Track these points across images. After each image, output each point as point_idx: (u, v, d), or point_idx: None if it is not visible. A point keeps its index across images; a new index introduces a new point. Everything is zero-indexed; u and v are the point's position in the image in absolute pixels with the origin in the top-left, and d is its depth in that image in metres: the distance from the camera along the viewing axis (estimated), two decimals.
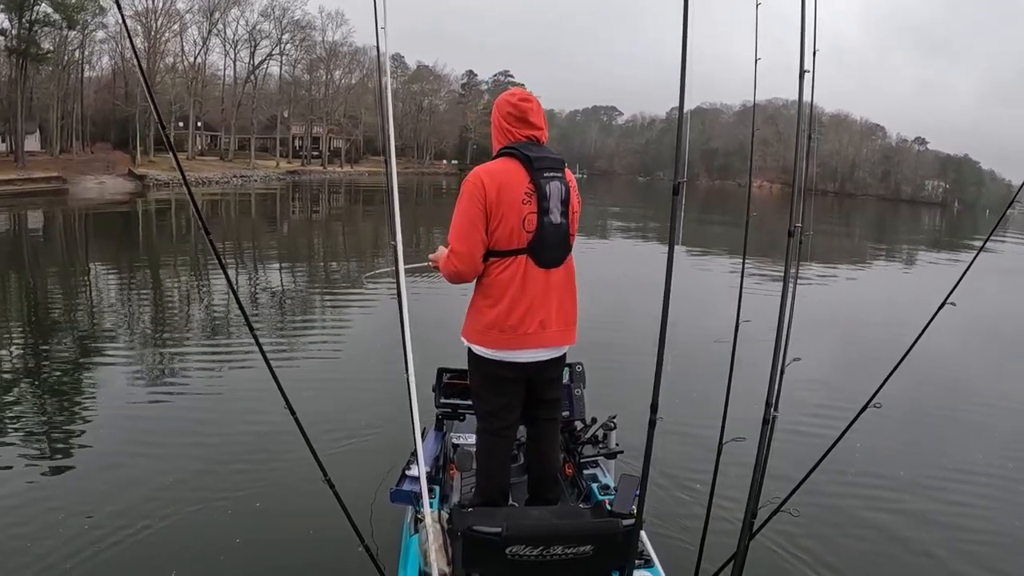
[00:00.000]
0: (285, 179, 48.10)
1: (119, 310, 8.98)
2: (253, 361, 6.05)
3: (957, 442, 5.45)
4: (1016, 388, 7.14)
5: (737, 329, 2.59)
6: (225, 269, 2.26)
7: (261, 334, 2.31)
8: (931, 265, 20.36)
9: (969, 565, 3.59)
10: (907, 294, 13.32)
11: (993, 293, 12.83)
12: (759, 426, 2.16)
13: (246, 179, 42.17)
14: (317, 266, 14.33)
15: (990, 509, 4.26)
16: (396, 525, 2.96)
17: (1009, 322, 11.08)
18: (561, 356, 2.62)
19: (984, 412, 6.18)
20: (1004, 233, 44.32)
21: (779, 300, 2.10)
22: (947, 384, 6.93)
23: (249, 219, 24.82)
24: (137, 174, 36.78)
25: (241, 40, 53.96)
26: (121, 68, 45.41)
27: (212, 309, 9.24)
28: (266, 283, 11.36)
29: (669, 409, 1.79)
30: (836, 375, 6.83)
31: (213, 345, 7.14)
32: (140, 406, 5.26)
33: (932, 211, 74.28)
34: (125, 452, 4.34)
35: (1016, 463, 4.97)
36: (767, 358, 2.08)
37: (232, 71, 55.42)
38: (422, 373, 2.33)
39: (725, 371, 2.87)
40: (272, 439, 4.39)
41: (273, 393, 2.31)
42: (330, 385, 5.72)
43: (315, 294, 10.79)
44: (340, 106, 62.41)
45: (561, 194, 2.43)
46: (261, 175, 46.58)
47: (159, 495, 3.79)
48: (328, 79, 62.31)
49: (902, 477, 4.61)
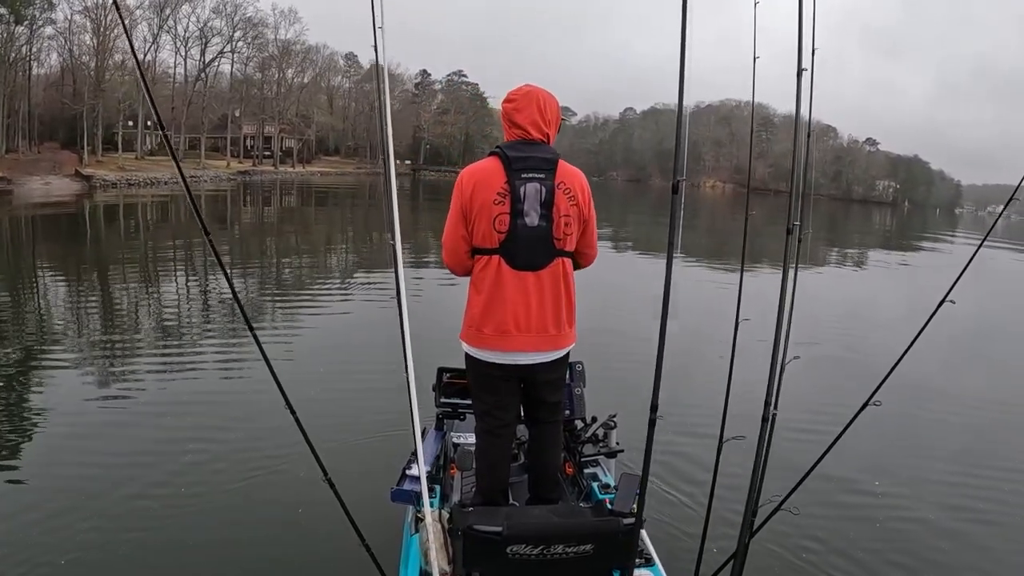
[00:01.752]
0: (236, 179, 46.92)
1: (115, 313, 8.99)
2: (252, 361, 6.06)
3: (957, 440, 5.45)
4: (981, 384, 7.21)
5: (737, 328, 2.59)
6: (225, 268, 2.26)
7: (259, 333, 2.31)
8: (880, 263, 20.88)
9: (970, 562, 3.60)
10: (855, 291, 13.47)
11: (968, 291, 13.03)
12: (759, 424, 2.17)
13: (196, 179, 40.85)
14: (309, 265, 14.34)
15: (991, 505, 4.26)
16: (397, 524, 2.97)
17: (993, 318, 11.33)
18: (555, 360, 2.54)
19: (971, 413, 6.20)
20: (954, 232, 45.27)
21: (764, 298, 2.10)
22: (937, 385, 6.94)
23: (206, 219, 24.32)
24: (84, 174, 35.94)
25: (192, 37, 53.09)
26: (70, 65, 44.13)
27: (191, 310, 9.24)
28: (258, 283, 11.36)
29: (669, 408, 1.79)
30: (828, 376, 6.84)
31: (206, 345, 7.13)
32: (140, 405, 5.26)
33: (883, 210, 75.72)
34: (126, 452, 4.35)
35: (1017, 462, 4.98)
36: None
37: (183, 69, 54.32)
38: (422, 372, 2.34)
39: (724, 370, 2.87)
40: (273, 438, 4.39)
41: (273, 393, 2.32)
42: (330, 385, 5.72)
43: (312, 294, 10.79)
44: (292, 105, 61.77)
45: (540, 196, 2.36)
46: (211, 175, 45.40)
47: (159, 495, 3.79)
48: (280, 78, 61.54)
49: (903, 475, 4.62)
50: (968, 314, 9.62)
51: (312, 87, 64.65)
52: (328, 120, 70.76)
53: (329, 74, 72.72)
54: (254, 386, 5.39)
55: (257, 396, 5.07)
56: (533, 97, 2.46)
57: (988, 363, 8.51)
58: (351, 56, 74.22)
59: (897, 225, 51.66)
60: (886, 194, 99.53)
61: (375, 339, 7.07)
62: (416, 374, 2.20)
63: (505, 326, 2.41)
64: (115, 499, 3.75)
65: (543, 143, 2.47)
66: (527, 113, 2.44)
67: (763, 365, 2.11)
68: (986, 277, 14.41)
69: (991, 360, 8.68)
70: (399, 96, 79.38)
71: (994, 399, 6.59)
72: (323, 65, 70.29)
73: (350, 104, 75.30)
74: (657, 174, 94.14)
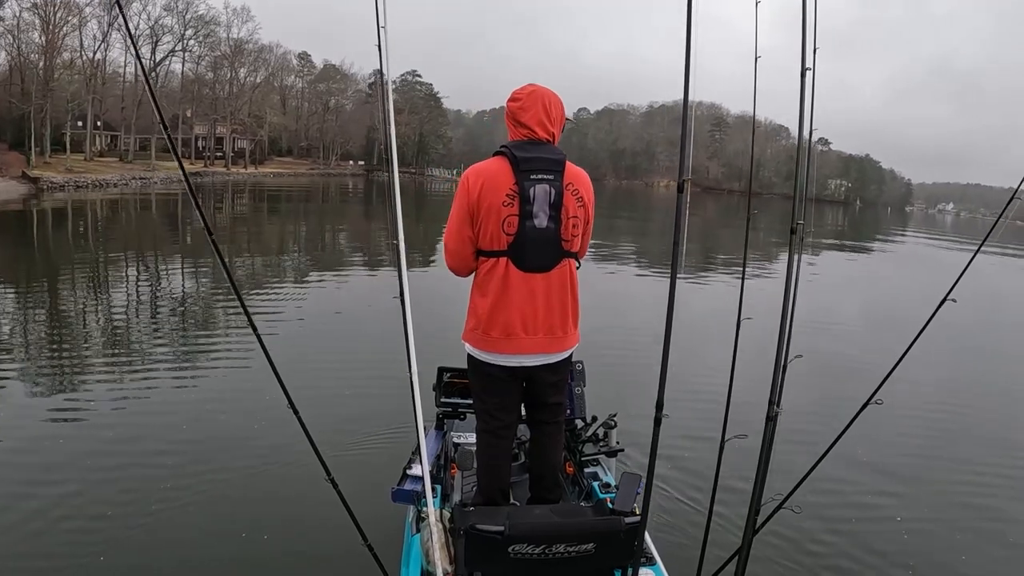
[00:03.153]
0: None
1: (106, 314, 8.96)
2: (251, 361, 6.05)
3: (957, 439, 5.48)
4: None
5: (739, 327, 2.59)
6: (227, 269, 2.25)
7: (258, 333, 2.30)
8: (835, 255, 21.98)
9: (972, 562, 3.60)
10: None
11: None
12: (762, 423, 2.16)
13: (146, 181, 39.04)
14: (298, 264, 14.32)
15: (993, 503, 4.28)
16: (398, 524, 2.96)
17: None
18: (558, 362, 2.54)
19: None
20: (904, 228, 45.88)
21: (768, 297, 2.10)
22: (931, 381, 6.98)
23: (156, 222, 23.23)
24: (31, 176, 34.67)
25: (143, 35, 51.30)
26: (18, 63, 42.43)
27: (189, 309, 9.22)
28: (249, 282, 11.33)
29: (669, 407, 1.79)
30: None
31: (205, 345, 7.12)
32: (140, 406, 5.24)
33: (835, 209, 76.63)
34: (126, 452, 4.34)
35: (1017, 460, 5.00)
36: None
37: (133, 68, 51.72)
38: (423, 372, 2.33)
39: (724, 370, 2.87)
40: (274, 438, 4.40)
41: (275, 393, 2.31)
42: (331, 384, 5.71)
43: (310, 294, 10.77)
44: (245, 105, 60.44)
45: (549, 197, 2.34)
46: (162, 177, 43.06)
47: (159, 494, 3.79)
48: (232, 77, 60.08)
49: (904, 474, 4.64)
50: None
51: (265, 87, 63.41)
52: (281, 120, 69.47)
53: (282, 74, 71.62)
54: (255, 386, 5.38)
55: (258, 396, 5.07)
56: (538, 96, 2.43)
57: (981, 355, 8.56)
58: (304, 56, 73.47)
59: (849, 223, 52.42)
60: (838, 193, 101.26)
61: (374, 339, 7.09)
62: (418, 373, 2.20)
63: (512, 328, 2.40)
64: (116, 498, 3.74)
65: (549, 143, 2.43)
66: (533, 112, 2.41)
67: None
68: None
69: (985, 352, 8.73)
70: (352, 96, 78.49)
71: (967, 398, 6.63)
72: (276, 64, 69.32)
73: (303, 104, 74.26)
74: (611, 173, 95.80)
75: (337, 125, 74.41)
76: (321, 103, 74.07)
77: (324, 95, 74.31)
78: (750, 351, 2.66)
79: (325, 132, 73.74)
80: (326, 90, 74.54)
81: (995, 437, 5.55)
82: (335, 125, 74.28)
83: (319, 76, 74.66)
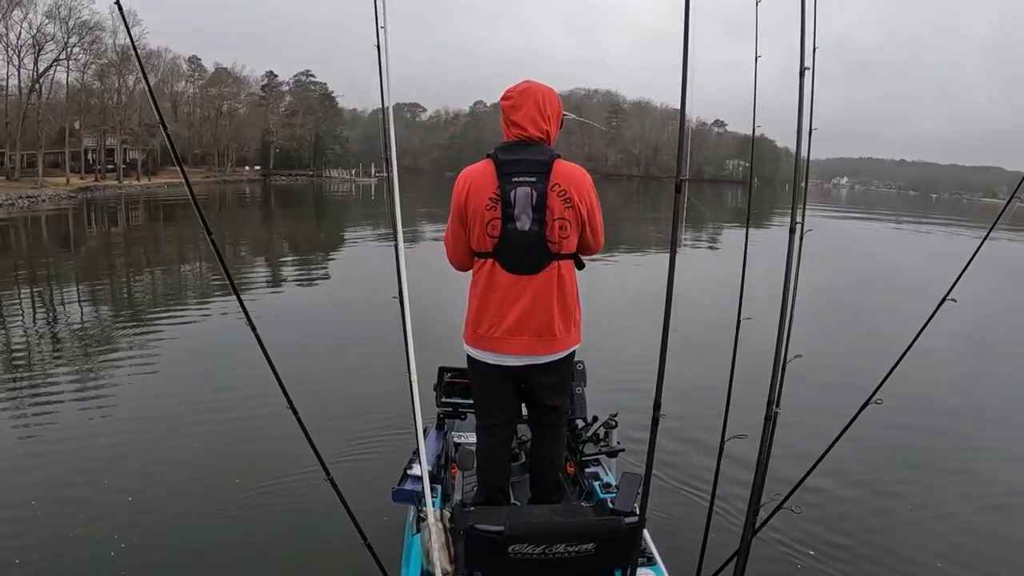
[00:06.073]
0: (76, 196, 40.07)
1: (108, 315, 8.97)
2: (252, 361, 6.04)
3: (958, 438, 5.47)
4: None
5: (739, 327, 2.59)
6: (228, 272, 2.26)
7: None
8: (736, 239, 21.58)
9: (972, 562, 3.60)
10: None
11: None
12: (760, 423, 2.17)
13: (33, 200, 34.91)
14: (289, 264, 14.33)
15: (994, 502, 4.27)
16: (398, 524, 2.97)
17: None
18: (553, 363, 2.49)
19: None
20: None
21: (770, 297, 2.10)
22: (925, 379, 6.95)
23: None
24: None
25: (25, 45, 46.30)
26: None
27: (186, 307, 9.23)
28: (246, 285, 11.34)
29: (670, 406, 1.79)
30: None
31: (205, 344, 7.13)
32: (141, 405, 5.25)
33: (734, 188, 76.68)
34: (127, 452, 4.34)
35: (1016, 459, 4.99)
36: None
37: (16, 80, 47.32)
38: (424, 372, 2.34)
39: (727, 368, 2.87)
40: (273, 438, 4.40)
41: (274, 393, 2.31)
42: (331, 384, 5.71)
43: (306, 292, 10.78)
44: (135, 114, 56.55)
45: (531, 200, 2.30)
46: (50, 194, 38.95)
47: (159, 493, 3.80)
48: (121, 85, 55.86)
49: (904, 473, 4.63)
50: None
51: (155, 93, 60.55)
52: (173, 128, 64.97)
53: (172, 79, 68.48)
54: (255, 386, 5.37)
55: (258, 396, 5.06)
56: (531, 93, 2.39)
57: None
58: (195, 60, 70.64)
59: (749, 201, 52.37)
60: (736, 173, 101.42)
61: (373, 340, 7.08)
62: (418, 373, 2.20)
63: (498, 328, 2.40)
64: (116, 497, 3.75)
65: (540, 142, 2.39)
66: (525, 111, 2.37)
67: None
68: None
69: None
70: (245, 100, 75.95)
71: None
72: (166, 70, 66.18)
73: (195, 110, 71.17)
74: None
75: (231, 130, 71.10)
76: (214, 108, 70.37)
77: (216, 99, 70.90)
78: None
79: (219, 138, 70.23)
80: (218, 94, 71.13)
81: (996, 437, 5.53)
82: (229, 130, 70.90)
83: (210, 80, 71.43)
